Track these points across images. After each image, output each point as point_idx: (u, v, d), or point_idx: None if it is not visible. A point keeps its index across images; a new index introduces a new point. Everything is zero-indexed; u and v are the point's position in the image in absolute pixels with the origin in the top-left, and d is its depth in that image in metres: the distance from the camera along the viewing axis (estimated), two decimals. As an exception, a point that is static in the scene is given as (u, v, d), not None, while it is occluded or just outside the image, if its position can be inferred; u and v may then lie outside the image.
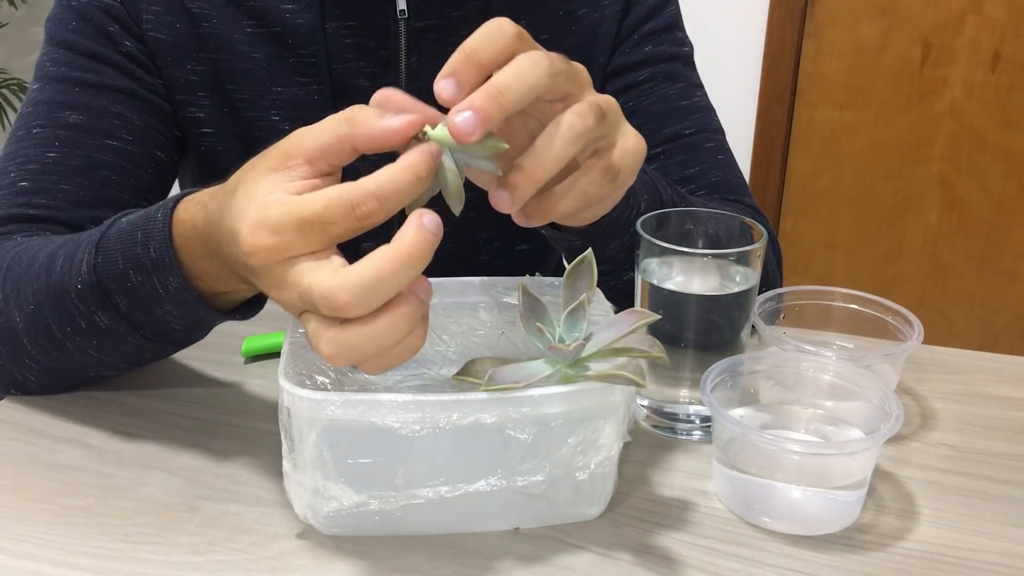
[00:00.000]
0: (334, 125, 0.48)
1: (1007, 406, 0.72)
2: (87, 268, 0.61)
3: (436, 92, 0.49)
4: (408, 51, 0.82)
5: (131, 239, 0.59)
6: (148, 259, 0.58)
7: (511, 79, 0.49)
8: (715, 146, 0.90)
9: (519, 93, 0.49)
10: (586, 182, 0.54)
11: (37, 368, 0.67)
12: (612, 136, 0.55)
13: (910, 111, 2.21)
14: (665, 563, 0.55)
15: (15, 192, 0.75)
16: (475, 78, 0.49)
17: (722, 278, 0.64)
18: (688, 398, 0.66)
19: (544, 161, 0.51)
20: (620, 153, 0.55)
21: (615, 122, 0.55)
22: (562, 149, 0.51)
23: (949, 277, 2.30)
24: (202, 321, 0.63)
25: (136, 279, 0.59)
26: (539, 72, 0.50)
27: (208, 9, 0.80)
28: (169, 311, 0.60)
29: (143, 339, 0.63)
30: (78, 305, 0.62)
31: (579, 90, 0.53)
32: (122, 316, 0.61)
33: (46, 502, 0.59)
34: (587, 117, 0.51)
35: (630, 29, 0.89)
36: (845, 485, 0.57)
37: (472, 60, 0.49)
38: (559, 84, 0.51)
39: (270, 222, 0.47)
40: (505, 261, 0.92)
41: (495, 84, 0.49)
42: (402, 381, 0.66)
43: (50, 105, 0.78)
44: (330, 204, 0.46)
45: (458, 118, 0.48)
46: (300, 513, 0.55)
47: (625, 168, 0.55)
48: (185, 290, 0.58)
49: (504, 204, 0.51)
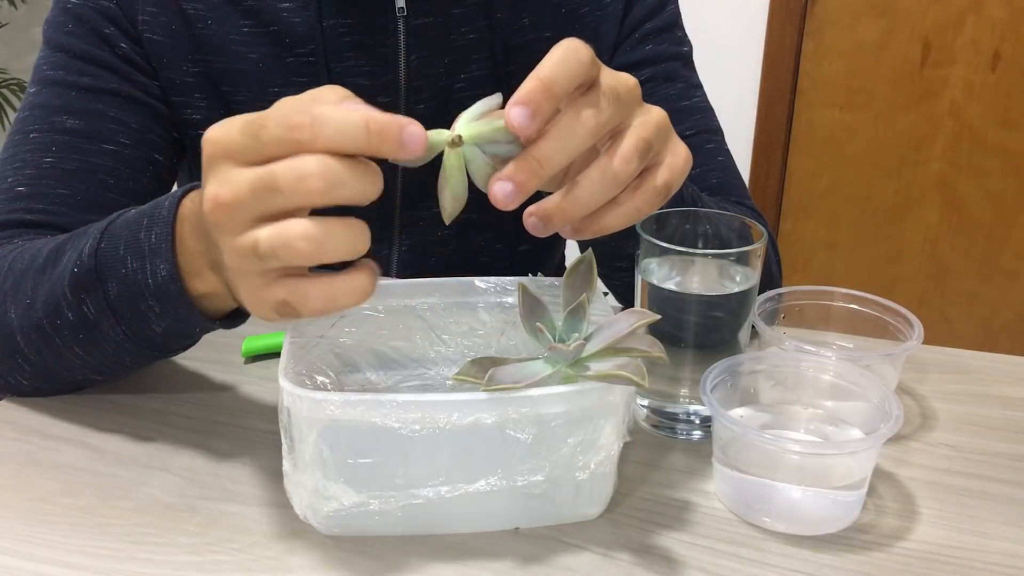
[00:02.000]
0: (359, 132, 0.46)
1: (1007, 406, 0.72)
2: (89, 251, 0.60)
3: (507, 118, 0.48)
4: (407, 48, 0.82)
5: (137, 225, 0.59)
6: (147, 245, 0.58)
7: (553, 150, 0.49)
8: (715, 147, 0.90)
9: (560, 162, 0.49)
10: (640, 201, 0.53)
11: (29, 369, 0.67)
12: (660, 151, 0.54)
13: (910, 111, 2.21)
14: (665, 563, 0.54)
15: (12, 197, 0.75)
16: (549, 108, 0.48)
17: (722, 278, 0.64)
18: (688, 398, 0.65)
19: (554, 161, 0.50)
20: (671, 171, 0.54)
21: (632, 106, 0.53)
22: (573, 146, 0.50)
23: (949, 277, 2.30)
24: (183, 323, 0.61)
25: (131, 265, 0.59)
26: (582, 136, 0.49)
27: (204, 10, 0.80)
28: (152, 306, 0.59)
29: (124, 336, 0.62)
30: (67, 295, 0.61)
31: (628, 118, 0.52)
32: (108, 305, 0.60)
33: (46, 502, 0.59)
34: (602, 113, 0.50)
35: (631, 28, 0.89)
36: (845, 485, 0.57)
37: (549, 92, 0.48)
38: (606, 130, 0.51)
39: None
40: (506, 262, 0.92)
41: (537, 157, 0.49)
42: (402, 381, 0.66)
43: (47, 109, 0.78)
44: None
45: (497, 189, 0.48)
46: (300, 513, 0.55)
47: (676, 184, 0.55)
48: (171, 279, 0.57)
49: (506, 198, 0.49)
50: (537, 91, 0.47)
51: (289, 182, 0.46)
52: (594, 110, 0.50)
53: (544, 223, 0.52)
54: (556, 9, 0.87)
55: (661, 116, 0.54)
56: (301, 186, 0.45)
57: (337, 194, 0.46)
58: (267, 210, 0.47)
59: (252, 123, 0.47)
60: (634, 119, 0.52)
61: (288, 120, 0.46)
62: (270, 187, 0.46)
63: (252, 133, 0.47)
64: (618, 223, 0.54)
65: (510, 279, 0.66)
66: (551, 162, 0.49)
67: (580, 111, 0.49)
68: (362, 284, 0.48)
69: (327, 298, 0.48)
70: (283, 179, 0.46)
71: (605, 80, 0.51)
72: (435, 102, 0.85)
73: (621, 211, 0.53)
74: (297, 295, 0.48)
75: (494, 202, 0.49)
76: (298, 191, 0.46)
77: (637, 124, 0.52)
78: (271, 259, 0.47)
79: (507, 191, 0.48)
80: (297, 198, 0.46)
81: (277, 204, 0.46)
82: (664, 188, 0.54)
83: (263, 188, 0.46)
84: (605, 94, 0.50)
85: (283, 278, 0.48)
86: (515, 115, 0.47)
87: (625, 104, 0.52)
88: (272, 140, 0.46)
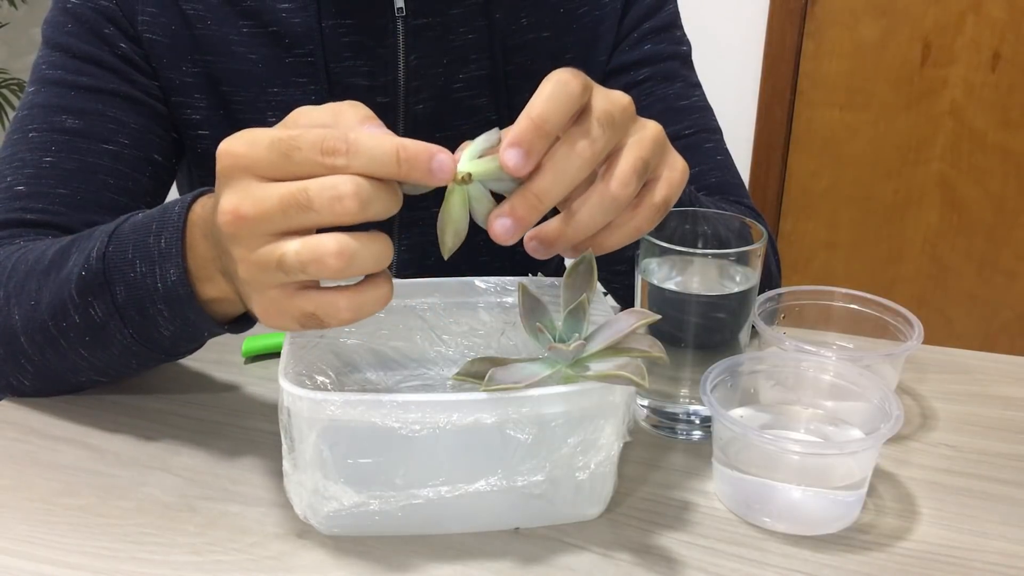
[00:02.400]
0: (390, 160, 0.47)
1: (1007, 406, 0.72)
2: (96, 255, 0.60)
3: (502, 160, 0.48)
4: (406, 49, 0.82)
5: (146, 230, 0.59)
6: (157, 249, 0.58)
7: (550, 184, 0.49)
8: (713, 147, 0.90)
9: (559, 194, 0.50)
10: (641, 220, 0.54)
11: (32, 370, 0.67)
12: (657, 167, 0.54)
13: (910, 111, 2.21)
14: (665, 563, 0.54)
15: (12, 196, 0.75)
16: (543, 146, 0.49)
17: (722, 278, 0.64)
18: (688, 398, 0.65)
19: (552, 194, 0.50)
20: (669, 186, 0.54)
21: (627, 125, 0.53)
22: (571, 178, 0.50)
23: (949, 277, 2.30)
24: (191, 327, 0.61)
25: (140, 269, 0.59)
26: (579, 166, 0.50)
27: (203, 10, 0.80)
28: (161, 310, 0.60)
29: (131, 339, 0.62)
30: (74, 297, 0.61)
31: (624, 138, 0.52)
32: (116, 309, 0.60)
33: (46, 502, 0.59)
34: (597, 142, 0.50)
35: (630, 27, 0.89)
36: (845, 485, 0.57)
37: (541, 130, 0.48)
38: (602, 156, 0.51)
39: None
40: (505, 262, 0.92)
41: (536, 193, 0.49)
42: (402, 381, 0.66)
43: (46, 109, 0.78)
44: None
45: (498, 225, 0.49)
46: (300, 513, 0.55)
47: (675, 198, 0.55)
48: (180, 284, 0.58)
49: (506, 233, 0.50)
50: (529, 131, 0.48)
51: (324, 202, 0.46)
52: (588, 140, 0.50)
53: (546, 247, 0.53)
54: (554, 9, 0.87)
55: (656, 131, 0.54)
56: (337, 206, 0.46)
57: (366, 214, 0.47)
58: (294, 226, 0.48)
59: (283, 142, 0.47)
60: (629, 138, 0.52)
61: (323, 144, 0.46)
62: (303, 205, 0.46)
63: (283, 152, 0.47)
64: (618, 242, 0.54)
65: (510, 279, 0.66)
66: (549, 196, 0.49)
67: (575, 143, 0.50)
68: (385, 292, 0.50)
69: (356, 308, 0.49)
70: (318, 199, 0.46)
71: (598, 104, 0.51)
72: (434, 102, 0.85)
73: (622, 231, 0.54)
74: (326, 307, 0.49)
75: (494, 237, 0.49)
76: (333, 211, 0.46)
77: (633, 143, 0.52)
78: (297, 273, 0.48)
79: (507, 227, 0.49)
80: (331, 217, 0.47)
81: (308, 221, 0.47)
82: (663, 204, 0.54)
83: (295, 205, 0.47)
84: (599, 120, 0.50)
85: (305, 290, 0.49)
86: (510, 157, 0.48)
87: (620, 126, 0.52)
88: (305, 162, 0.47)
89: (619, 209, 0.52)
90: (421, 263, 0.90)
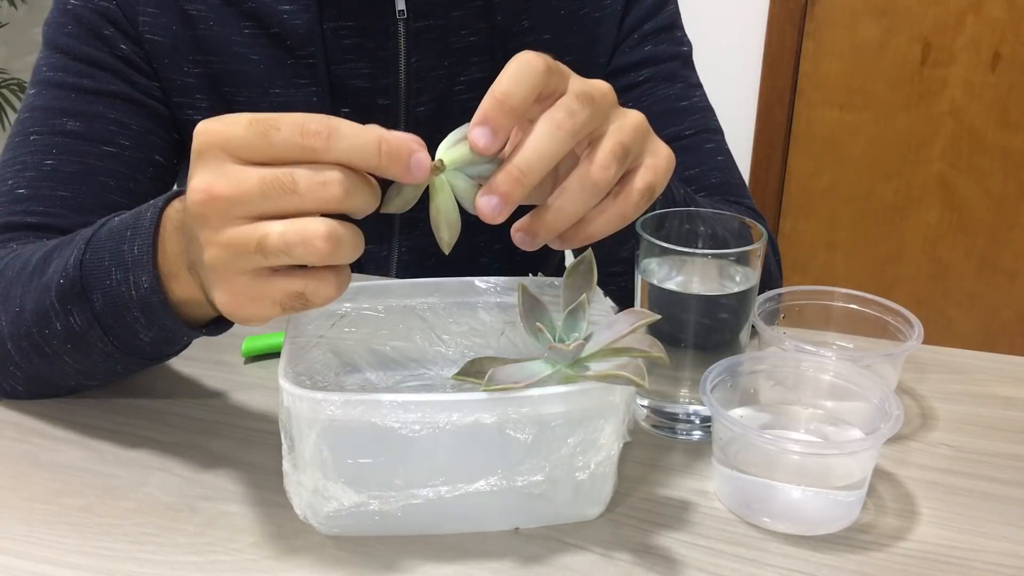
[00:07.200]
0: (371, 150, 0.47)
1: (1007, 406, 0.72)
2: (73, 262, 0.59)
3: (470, 139, 0.49)
4: (407, 51, 0.82)
5: (120, 236, 0.58)
6: (130, 256, 0.57)
7: (533, 158, 0.49)
8: (714, 147, 0.90)
9: (541, 168, 0.50)
10: (624, 206, 0.54)
11: (21, 375, 0.66)
12: (640, 154, 0.54)
13: (910, 111, 2.21)
14: (665, 563, 0.55)
15: (13, 199, 0.75)
16: (508, 123, 0.49)
17: (722, 278, 0.64)
18: (688, 398, 0.66)
19: (535, 168, 0.50)
20: (654, 172, 0.54)
21: (608, 111, 0.53)
22: (552, 151, 0.50)
23: (949, 277, 2.30)
24: (169, 333, 0.60)
25: (115, 277, 0.58)
26: (560, 139, 0.50)
27: (205, 11, 0.80)
28: (138, 318, 0.59)
29: (113, 347, 0.61)
30: (55, 305, 0.60)
31: (604, 124, 0.52)
32: (95, 317, 0.59)
33: (46, 502, 0.59)
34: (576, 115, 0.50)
35: (630, 28, 0.89)
36: (845, 485, 0.57)
37: (504, 106, 0.48)
38: (583, 134, 0.51)
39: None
40: (505, 262, 0.92)
41: (518, 166, 0.49)
42: (402, 381, 0.66)
43: (47, 111, 0.78)
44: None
45: (484, 203, 0.49)
46: (300, 513, 0.55)
47: (659, 185, 0.55)
48: (153, 291, 0.56)
49: (493, 211, 0.50)
50: (493, 108, 0.48)
51: (310, 186, 0.46)
52: (567, 112, 0.50)
53: (531, 237, 0.53)
54: (555, 11, 0.87)
55: (638, 119, 0.54)
56: (322, 192, 0.46)
57: (347, 204, 0.47)
58: (271, 210, 0.47)
59: (261, 122, 0.47)
60: (610, 125, 0.53)
61: (304, 126, 0.46)
62: (287, 188, 0.46)
63: (261, 132, 0.47)
64: (604, 230, 0.54)
65: (510, 279, 0.66)
66: (532, 168, 0.49)
67: (553, 115, 0.50)
68: (347, 276, 0.50)
69: (341, 286, 0.49)
70: (304, 183, 0.46)
71: (575, 86, 0.51)
72: (435, 104, 0.85)
73: (605, 217, 0.54)
74: (316, 283, 0.49)
75: (483, 217, 0.49)
76: (317, 196, 0.46)
77: (613, 129, 0.53)
78: (279, 255, 0.47)
79: (493, 204, 0.49)
80: (314, 203, 0.46)
81: (289, 205, 0.47)
82: (647, 191, 0.54)
83: (278, 187, 0.46)
84: (578, 97, 0.51)
85: (282, 273, 0.49)
86: (476, 135, 0.49)
87: (600, 108, 0.52)
88: (283, 143, 0.47)
89: (599, 194, 0.52)
90: (421, 263, 0.90)
